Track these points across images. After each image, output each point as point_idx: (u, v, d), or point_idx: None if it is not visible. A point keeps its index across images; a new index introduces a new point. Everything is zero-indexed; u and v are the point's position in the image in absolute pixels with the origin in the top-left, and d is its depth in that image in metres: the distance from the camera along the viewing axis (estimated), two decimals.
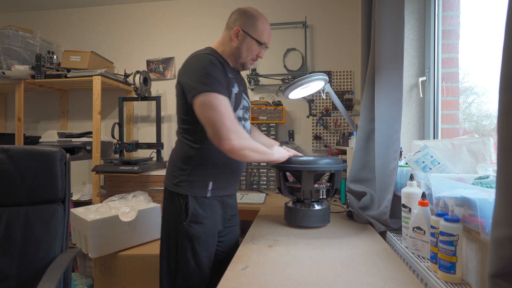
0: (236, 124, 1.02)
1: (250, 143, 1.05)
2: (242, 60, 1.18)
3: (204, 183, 1.13)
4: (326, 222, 1.30)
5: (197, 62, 1.07)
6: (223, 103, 1.01)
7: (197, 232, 1.11)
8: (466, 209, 0.78)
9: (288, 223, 1.31)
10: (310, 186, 1.23)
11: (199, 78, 1.02)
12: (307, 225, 1.25)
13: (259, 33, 1.16)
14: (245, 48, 1.16)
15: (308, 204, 1.26)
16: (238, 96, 1.15)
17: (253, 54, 1.18)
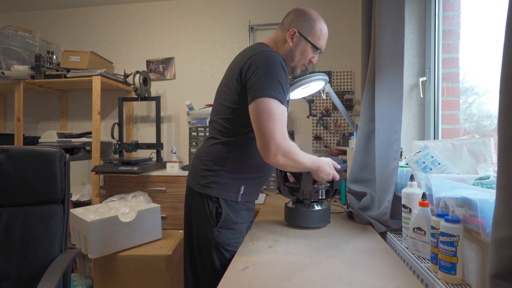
0: (285, 138, 0.96)
1: (294, 158, 0.99)
2: (294, 64, 1.12)
3: (237, 187, 1.08)
4: (326, 223, 1.29)
5: (269, 62, 0.97)
6: (281, 114, 0.95)
7: (226, 239, 1.05)
8: (466, 209, 0.78)
9: (288, 223, 1.30)
10: (310, 186, 1.22)
11: (268, 80, 0.94)
12: (307, 226, 1.24)
13: (316, 36, 1.10)
14: (299, 51, 1.09)
15: (308, 204, 1.25)
16: (288, 103, 1.08)
17: (306, 58, 1.11)
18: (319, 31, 1.10)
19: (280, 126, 0.94)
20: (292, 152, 0.98)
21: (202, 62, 2.60)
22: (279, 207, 1.70)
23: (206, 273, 1.07)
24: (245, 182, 1.09)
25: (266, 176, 1.19)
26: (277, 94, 0.94)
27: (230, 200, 1.07)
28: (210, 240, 1.05)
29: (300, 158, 1.01)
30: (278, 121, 0.93)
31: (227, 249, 1.06)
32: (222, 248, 1.05)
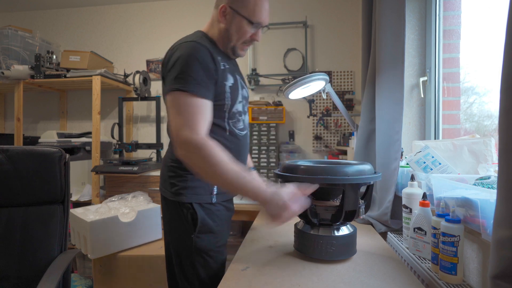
0: (192, 130, 0.83)
1: (203, 155, 0.81)
2: (232, 44, 0.99)
3: (209, 187, 1.00)
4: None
5: (181, 55, 0.89)
6: (190, 105, 0.85)
7: (208, 244, 0.98)
8: (467, 209, 0.78)
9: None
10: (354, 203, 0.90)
11: (177, 73, 0.86)
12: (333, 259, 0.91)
13: (249, 9, 0.94)
14: (234, 29, 0.96)
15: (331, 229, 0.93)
16: (234, 87, 0.98)
17: (244, 36, 0.97)
18: (253, 2, 0.94)
19: (185, 117, 0.84)
20: (200, 148, 0.81)
21: None
22: None
23: (191, 285, 0.98)
24: None
25: None
26: (185, 86, 0.85)
27: (204, 203, 0.98)
28: (191, 249, 0.97)
29: (216, 160, 0.80)
30: (183, 113, 0.84)
31: (211, 255, 0.99)
32: (205, 255, 0.98)
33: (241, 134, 1.04)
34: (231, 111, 0.98)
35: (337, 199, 0.97)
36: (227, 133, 0.99)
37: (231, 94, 0.97)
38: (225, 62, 0.98)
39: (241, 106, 1.03)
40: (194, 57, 0.87)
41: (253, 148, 2.34)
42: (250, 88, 2.50)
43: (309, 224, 0.95)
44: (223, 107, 0.96)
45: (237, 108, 1.01)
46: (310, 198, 0.88)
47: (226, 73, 0.96)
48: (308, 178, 0.86)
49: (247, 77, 2.47)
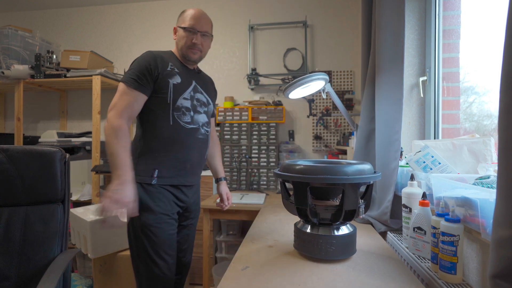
0: (117, 113, 1.08)
1: (111, 137, 1.05)
2: (182, 52, 1.22)
3: (150, 170, 1.14)
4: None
5: (137, 58, 1.18)
6: (124, 93, 1.10)
7: (147, 219, 1.11)
8: (467, 209, 0.78)
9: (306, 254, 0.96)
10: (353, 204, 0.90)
11: (128, 71, 1.15)
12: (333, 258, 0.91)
13: (184, 20, 1.20)
14: (179, 38, 1.21)
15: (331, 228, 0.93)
16: (179, 86, 1.18)
17: (184, 41, 1.19)
18: (185, 15, 1.21)
19: (116, 102, 1.09)
20: (113, 131, 1.05)
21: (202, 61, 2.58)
22: (279, 206, 1.70)
23: (141, 260, 1.13)
24: (158, 166, 1.15)
25: (182, 160, 1.19)
26: (126, 79, 1.11)
27: (144, 183, 1.13)
28: (136, 224, 1.12)
29: (115, 144, 1.04)
30: (117, 98, 1.10)
31: (151, 231, 1.11)
32: (146, 230, 1.11)
33: (188, 127, 1.18)
34: (175, 104, 1.16)
35: (336, 199, 0.97)
36: (170, 123, 1.15)
37: (174, 89, 1.16)
38: (178, 67, 1.21)
39: (189, 104, 1.20)
40: (138, 59, 1.16)
41: (253, 148, 2.34)
42: (250, 88, 2.50)
43: (308, 223, 0.95)
44: (166, 99, 1.15)
45: (182, 103, 1.18)
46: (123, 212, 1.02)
47: (174, 74, 1.18)
48: (308, 177, 0.86)
49: (247, 77, 2.47)
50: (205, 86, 1.32)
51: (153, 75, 1.13)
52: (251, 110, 2.32)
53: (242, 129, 2.35)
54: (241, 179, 2.34)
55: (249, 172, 2.33)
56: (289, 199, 0.99)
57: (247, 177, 2.34)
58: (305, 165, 0.90)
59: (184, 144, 1.18)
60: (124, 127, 1.08)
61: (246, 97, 2.52)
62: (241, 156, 2.34)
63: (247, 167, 2.34)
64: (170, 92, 1.16)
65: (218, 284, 0.77)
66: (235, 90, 2.55)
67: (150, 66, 1.14)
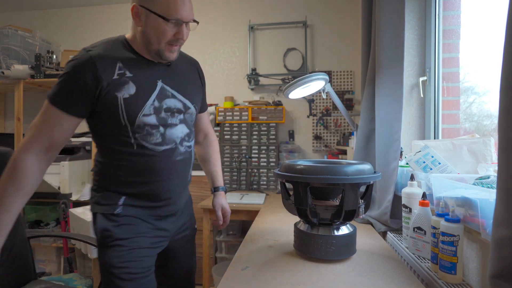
0: (26, 148, 0.81)
1: (8, 181, 0.79)
2: (154, 47, 0.86)
3: (114, 198, 0.89)
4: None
5: (69, 60, 0.85)
6: (46, 116, 0.82)
7: (109, 259, 0.85)
8: (467, 209, 0.78)
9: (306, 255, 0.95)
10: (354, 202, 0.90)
11: (59, 76, 0.84)
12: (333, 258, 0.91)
13: (162, 5, 0.81)
14: (152, 30, 0.84)
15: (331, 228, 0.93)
16: (134, 98, 0.85)
17: (166, 36, 0.84)
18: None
19: (36, 123, 0.83)
20: (9, 168, 0.80)
21: (202, 61, 2.57)
22: (279, 206, 1.70)
23: None
24: (124, 193, 0.90)
25: (152, 188, 0.91)
26: (50, 92, 0.83)
27: (108, 213, 0.88)
28: (100, 265, 0.89)
29: (1, 187, 0.80)
30: (38, 118, 0.83)
31: (115, 274, 0.85)
32: (109, 271, 0.86)
33: (159, 150, 0.89)
34: (133, 125, 0.85)
35: (336, 199, 0.97)
36: (134, 148, 0.87)
37: (126, 106, 0.84)
38: (132, 66, 0.87)
39: (155, 119, 0.88)
40: (69, 66, 0.82)
41: (253, 148, 2.34)
42: (250, 88, 2.50)
43: (309, 223, 0.95)
44: (118, 119, 0.84)
45: (143, 121, 0.86)
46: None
47: (125, 81, 0.85)
48: (308, 177, 0.86)
49: (247, 77, 2.47)
50: (181, 80, 0.97)
51: (88, 92, 0.82)
52: (251, 110, 2.32)
53: (242, 129, 2.35)
54: (241, 179, 2.34)
55: (249, 172, 2.34)
56: (289, 199, 0.99)
57: (247, 177, 2.34)
58: (305, 165, 0.90)
59: (157, 173, 0.90)
60: (25, 165, 0.80)
61: (246, 97, 2.52)
62: (241, 156, 2.34)
63: (247, 167, 2.34)
64: (121, 111, 0.84)
65: (218, 284, 0.78)
66: (235, 90, 2.55)
67: (82, 80, 0.80)
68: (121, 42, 0.91)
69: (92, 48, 0.86)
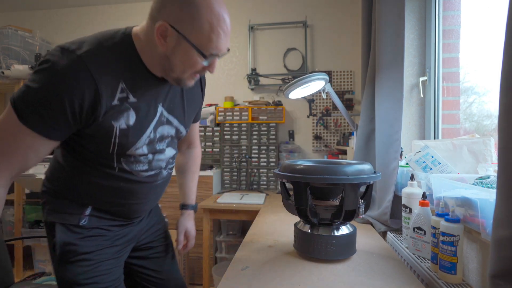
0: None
1: None
2: (175, 75, 0.71)
3: (78, 208, 0.80)
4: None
5: (46, 64, 0.61)
6: (15, 136, 0.63)
7: (73, 276, 0.76)
8: (467, 209, 0.78)
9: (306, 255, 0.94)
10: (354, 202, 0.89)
11: (26, 83, 0.62)
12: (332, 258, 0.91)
13: (203, 35, 0.64)
14: (179, 59, 0.67)
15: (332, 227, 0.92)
16: (131, 131, 0.72)
17: (195, 68, 0.70)
18: (207, 26, 0.63)
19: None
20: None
21: None
22: (279, 206, 1.70)
23: None
24: (90, 204, 0.80)
25: (125, 205, 0.83)
26: (22, 107, 0.61)
27: (70, 224, 0.78)
28: (60, 283, 0.78)
29: None
30: (2, 136, 0.63)
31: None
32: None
33: (142, 175, 0.80)
34: (124, 154, 0.75)
35: (336, 199, 0.97)
36: (115, 171, 0.76)
37: (121, 137, 0.71)
38: (138, 86, 0.71)
39: (146, 149, 0.78)
40: (49, 74, 0.60)
41: (253, 148, 2.34)
42: (250, 88, 2.50)
43: (308, 223, 0.95)
44: (107, 148, 0.72)
45: (134, 152, 0.75)
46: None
47: (126, 108, 0.69)
48: (308, 177, 0.86)
49: (247, 77, 2.47)
50: (180, 102, 0.84)
51: (79, 115, 0.64)
52: (251, 110, 2.32)
53: (242, 129, 2.35)
54: (241, 179, 2.34)
55: (249, 172, 2.33)
56: (289, 199, 0.98)
57: (247, 177, 2.34)
58: (305, 165, 0.90)
59: (134, 196, 0.83)
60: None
61: (246, 97, 2.52)
62: (241, 156, 2.34)
63: (247, 167, 2.34)
64: (113, 142, 0.71)
65: (218, 284, 0.77)
66: (235, 90, 2.55)
67: (75, 98, 0.61)
68: (126, 46, 0.69)
69: (86, 50, 0.64)
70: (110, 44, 0.68)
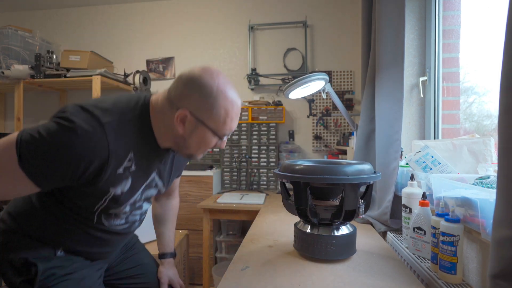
0: None
1: None
2: (189, 152, 0.79)
3: (49, 242, 0.80)
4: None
5: (68, 121, 0.65)
6: (8, 175, 0.62)
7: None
8: (467, 209, 0.78)
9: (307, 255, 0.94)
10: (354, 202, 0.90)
11: (36, 132, 0.63)
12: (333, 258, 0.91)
13: (219, 121, 0.73)
14: (195, 140, 0.75)
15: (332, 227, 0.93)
16: (124, 196, 0.77)
17: (209, 146, 0.78)
18: (223, 113, 0.73)
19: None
20: None
21: (202, 61, 2.60)
22: (279, 206, 1.70)
23: None
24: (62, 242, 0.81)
25: (95, 250, 0.86)
26: (27, 156, 0.61)
27: (46, 256, 0.79)
28: None
29: None
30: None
31: None
32: None
33: (119, 228, 0.86)
34: (107, 212, 0.79)
35: (336, 199, 0.97)
36: (93, 222, 0.80)
37: (112, 200, 0.76)
38: (142, 157, 0.76)
39: (129, 209, 0.83)
40: (67, 136, 0.62)
41: (253, 148, 2.34)
42: (250, 88, 2.50)
43: (308, 223, 0.95)
44: (91, 206, 0.76)
45: (118, 211, 0.81)
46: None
47: (126, 176, 0.74)
48: (308, 177, 0.86)
49: (247, 77, 2.47)
50: (170, 168, 0.91)
51: (77, 178, 0.66)
52: (251, 110, 2.32)
53: (242, 129, 2.35)
54: (241, 179, 2.34)
55: (249, 172, 2.33)
56: (289, 199, 0.98)
57: (247, 177, 2.34)
58: (305, 165, 0.90)
59: (109, 245, 0.87)
60: None
61: (246, 97, 2.52)
62: (241, 156, 2.34)
63: (247, 167, 2.34)
64: (103, 203, 0.75)
65: (218, 284, 0.78)
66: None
67: (81, 165, 0.64)
68: (143, 121, 0.74)
69: (110, 121, 0.67)
70: (130, 117, 0.73)
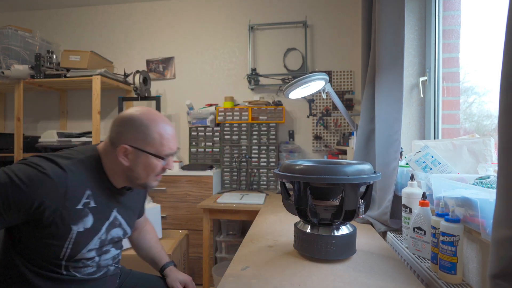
0: None
1: None
2: (141, 182, 0.85)
3: None
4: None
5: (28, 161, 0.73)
6: None
7: None
8: (467, 209, 0.78)
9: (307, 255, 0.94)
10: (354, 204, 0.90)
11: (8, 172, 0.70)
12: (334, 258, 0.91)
13: (156, 144, 0.82)
14: (141, 168, 0.83)
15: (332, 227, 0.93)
16: (87, 233, 0.79)
17: (156, 170, 0.85)
18: (158, 136, 0.82)
19: None
20: None
21: (202, 61, 2.60)
22: (279, 206, 1.70)
23: None
24: None
25: None
26: None
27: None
28: None
29: None
30: None
31: None
32: None
33: (90, 277, 0.85)
34: (72, 259, 0.79)
35: (336, 199, 0.97)
36: (63, 274, 0.80)
37: (77, 240, 0.77)
38: (99, 194, 0.82)
39: (95, 253, 0.84)
40: (25, 173, 0.69)
41: (253, 148, 2.34)
42: (250, 88, 2.50)
43: (308, 223, 0.95)
44: (58, 252, 0.76)
45: (84, 256, 0.81)
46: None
47: (85, 213, 0.79)
48: (308, 177, 0.86)
49: (247, 77, 2.47)
50: (131, 206, 0.96)
51: (34, 213, 0.71)
52: (251, 110, 2.32)
53: (242, 129, 2.35)
54: (241, 179, 2.34)
55: (249, 172, 2.33)
56: (289, 199, 0.98)
57: (247, 177, 2.34)
58: (305, 165, 0.90)
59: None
60: None
61: (246, 97, 2.52)
62: (241, 156, 2.34)
63: (247, 167, 2.34)
64: (68, 245, 0.76)
65: (218, 284, 0.77)
66: (235, 90, 2.55)
67: (37, 199, 0.69)
68: (95, 163, 0.83)
69: (68, 165, 0.76)
70: (85, 158, 0.82)
